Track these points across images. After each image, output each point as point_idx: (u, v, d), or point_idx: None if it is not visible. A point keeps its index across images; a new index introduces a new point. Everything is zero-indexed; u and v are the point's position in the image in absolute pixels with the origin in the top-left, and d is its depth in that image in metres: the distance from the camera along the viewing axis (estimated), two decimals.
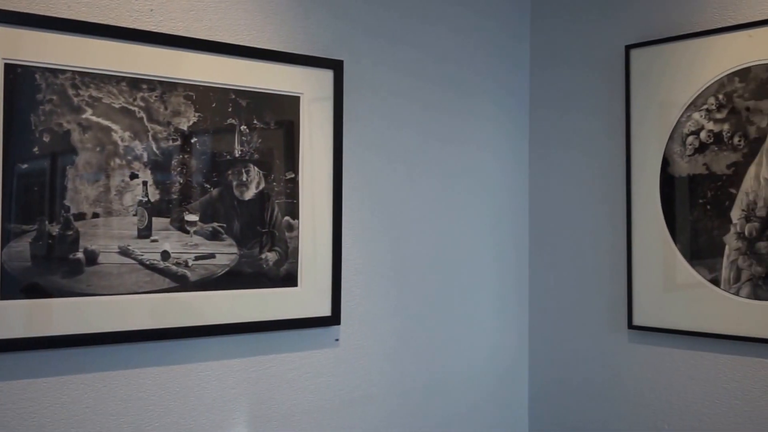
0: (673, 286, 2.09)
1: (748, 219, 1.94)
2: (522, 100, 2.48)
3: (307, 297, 2.00)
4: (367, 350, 2.12)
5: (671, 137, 2.09)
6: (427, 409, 2.23)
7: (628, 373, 2.20)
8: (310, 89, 2.01)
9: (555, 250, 2.39)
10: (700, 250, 2.03)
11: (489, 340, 2.39)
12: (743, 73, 1.95)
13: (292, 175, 1.98)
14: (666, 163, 2.10)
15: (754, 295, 1.93)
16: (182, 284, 1.81)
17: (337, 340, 2.06)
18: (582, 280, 2.31)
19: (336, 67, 2.05)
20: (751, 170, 1.94)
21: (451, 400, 2.28)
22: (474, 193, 2.36)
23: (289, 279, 1.97)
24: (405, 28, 2.21)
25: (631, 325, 2.17)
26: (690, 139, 2.05)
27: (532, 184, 2.46)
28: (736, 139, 1.97)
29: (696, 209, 2.04)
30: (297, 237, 1.98)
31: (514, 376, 2.44)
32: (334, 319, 2.04)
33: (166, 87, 1.80)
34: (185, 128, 1.82)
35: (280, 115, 1.97)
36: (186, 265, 1.82)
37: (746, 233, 1.94)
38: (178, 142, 1.81)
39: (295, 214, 1.98)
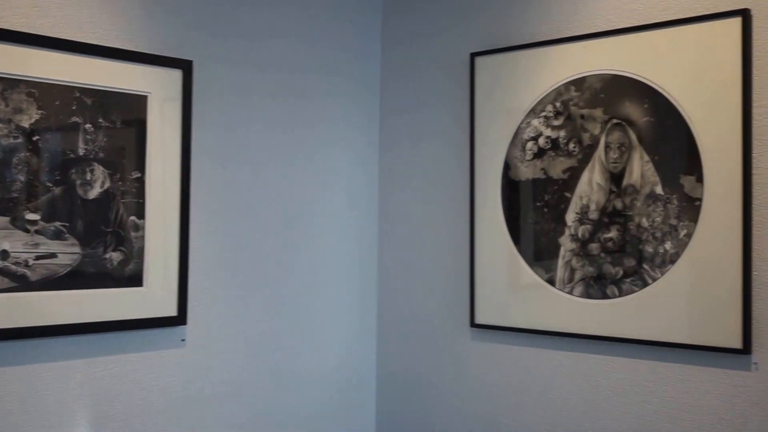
0: (514, 286, 2.26)
1: (581, 222, 2.12)
2: (372, 104, 2.60)
3: (153, 297, 2.07)
4: (214, 351, 2.20)
5: (512, 142, 2.26)
6: (273, 409, 2.32)
7: (470, 370, 2.36)
8: (159, 89, 2.08)
9: (403, 250, 2.54)
10: (539, 252, 2.21)
11: (337, 339, 2.50)
12: (579, 83, 2.13)
13: (139, 175, 2.05)
14: (507, 167, 2.27)
15: (587, 294, 2.11)
16: (22, 284, 1.86)
17: (183, 340, 2.14)
18: (428, 280, 2.46)
19: (185, 66, 2.13)
20: (585, 175, 2.12)
21: (297, 399, 2.39)
22: (323, 194, 2.47)
23: (135, 279, 2.04)
24: (255, 27, 2.30)
25: (473, 324, 2.34)
26: (529, 144, 2.22)
27: (382, 185, 2.59)
28: (571, 145, 2.15)
29: (535, 212, 2.22)
30: (143, 237, 2.05)
31: (362, 374, 2.57)
32: (180, 319, 2.12)
33: (8, 84, 1.84)
34: (27, 126, 1.87)
35: (127, 114, 2.04)
36: (26, 265, 1.86)
37: (579, 235, 2.13)
38: (20, 140, 1.86)
39: (141, 214, 2.05)
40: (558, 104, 2.16)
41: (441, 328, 2.43)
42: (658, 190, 1.98)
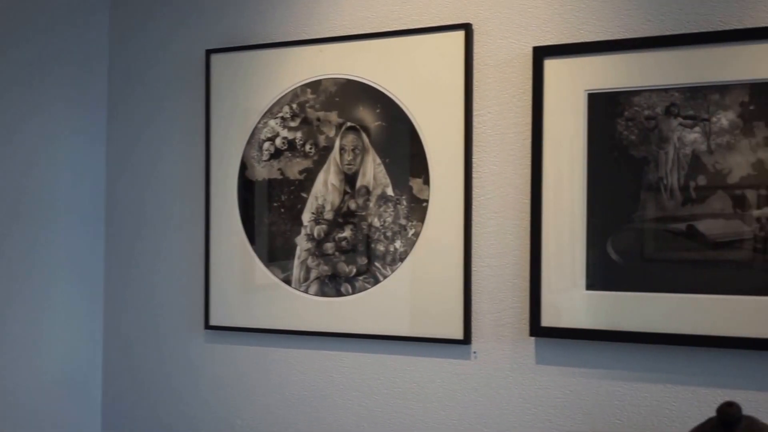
0: (250, 286, 2.32)
1: (317, 222, 2.23)
2: (100, 103, 2.53)
3: None
4: None
5: (249, 142, 2.32)
6: None
7: (205, 373, 2.39)
8: None
9: (134, 252, 2.50)
10: (275, 252, 2.29)
11: (58, 347, 2.40)
12: (314, 85, 2.25)
13: None
14: (244, 167, 2.33)
15: (322, 293, 2.22)
16: None
17: None
18: (161, 282, 2.45)
19: None
20: (321, 176, 2.24)
21: (15, 412, 2.27)
22: (44, 191, 2.38)
23: None
24: None
25: (208, 326, 2.37)
26: (266, 145, 2.30)
27: (110, 186, 2.53)
28: (307, 147, 2.25)
29: (271, 212, 2.29)
30: None
31: (86, 384, 2.49)
32: None
33: None
34: None
35: None
36: None
37: (315, 235, 2.24)
38: None
39: None
40: (294, 106, 2.26)
41: (174, 331, 2.43)
42: (389, 191, 2.14)
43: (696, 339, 1.83)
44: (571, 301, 1.95)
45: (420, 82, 2.11)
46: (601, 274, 1.93)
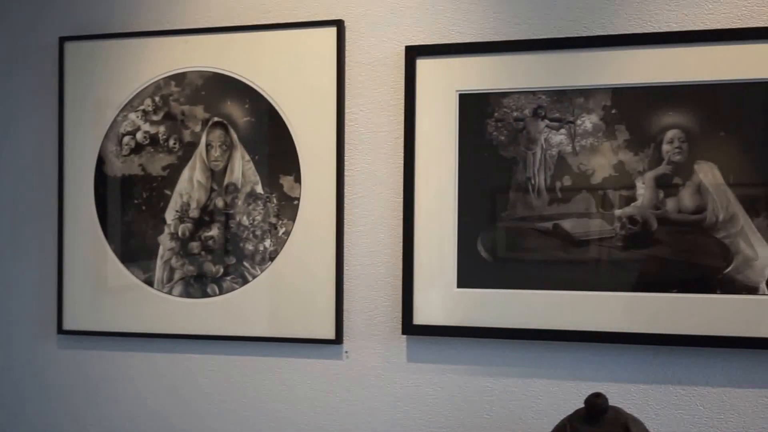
0: (108, 288, 2.22)
1: (181, 220, 2.18)
2: None
3: None
4: None
5: (107, 136, 2.22)
6: None
7: (58, 380, 2.26)
8: None
9: None
10: (135, 251, 2.20)
11: None
12: (179, 78, 2.18)
13: None
14: (102, 162, 2.23)
15: (186, 294, 2.17)
16: None
17: None
18: (8, 285, 2.32)
19: None
20: (185, 173, 2.18)
21: None
22: None
23: None
24: None
25: (61, 330, 2.25)
26: (126, 139, 2.22)
27: None
28: (171, 142, 2.19)
29: (131, 210, 2.21)
30: None
31: None
32: None
33: None
34: None
35: None
36: None
37: (179, 234, 2.18)
38: None
39: None
40: (157, 99, 2.19)
41: (24, 337, 2.29)
42: (259, 189, 2.12)
43: (562, 334, 1.92)
44: (442, 298, 1.99)
45: (291, 78, 2.10)
46: (472, 272, 1.98)
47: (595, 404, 1.61)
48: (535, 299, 1.93)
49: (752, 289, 1.82)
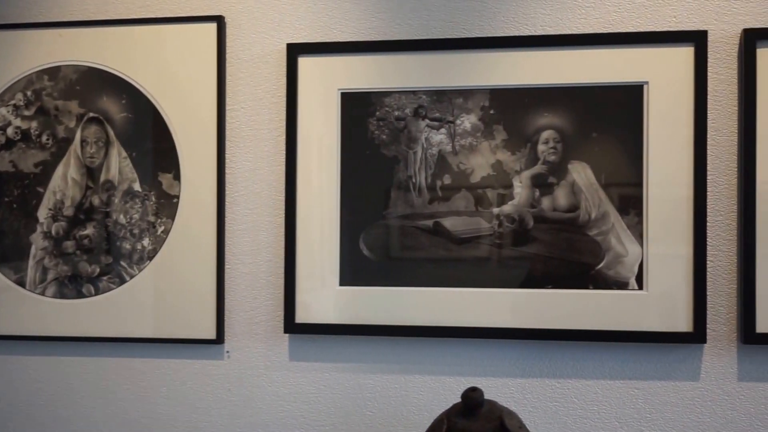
0: None
1: (55, 218, 2.10)
2: None
3: None
4: None
5: None
6: None
7: None
8: None
9: None
10: (5, 251, 2.12)
11: None
12: (53, 72, 2.11)
13: None
14: None
15: (61, 295, 2.10)
16: None
17: None
18: None
19: None
20: (60, 170, 2.11)
21: None
22: None
23: None
24: None
25: None
26: None
27: None
28: (44, 138, 2.11)
29: (1, 208, 2.13)
30: None
31: None
32: None
33: None
34: None
35: None
36: None
37: (53, 233, 2.11)
38: None
39: None
40: (29, 93, 2.11)
41: None
42: (137, 186, 2.07)
43: (443, 330, 1.95)
44: (324, 297, 2.00)
45: (170, 73, 2.06)
46: (354, 270, 1.99)
47: (472, 398, 1.64)
48: (416, 296, 1.95)
49: (622, 285, 1.90)
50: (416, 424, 1.98)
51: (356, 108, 1.99)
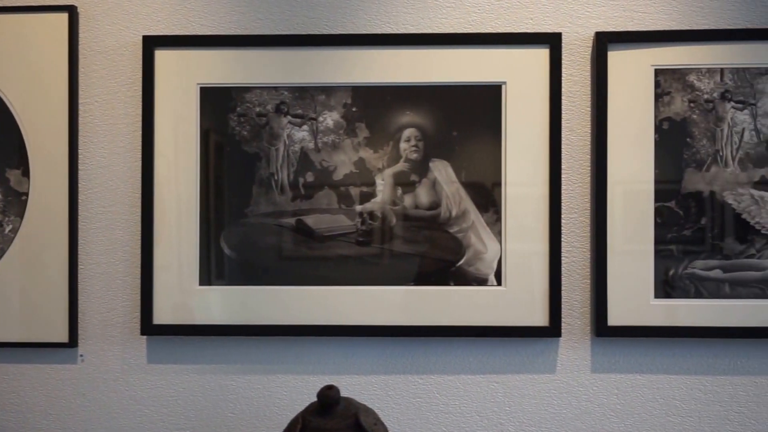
0: None
1: None
2: None
3: None
4: None
5: None
6: None
7: None
8: None
9: None
10: None
11: None
12: None
13: None
14: None
15: None
16: None
17: None
18: None
19: None
20: None
21: None
22: None
23: None
24: None
25: None
26: None
27: None
28: None
29: None
30: None
31: None
32: None
33: None
34: None
35: None
36: None
37: None
38: None
39: None
40: None
41: None
42: None
43: (305, 329, 1.93)
44: (183, 297, 1.95)
45: (18, 65, 1.96)
46: (214, 270, 1.95)
47: (327, 396, 1.63)
48: (278, 295, 1.93)
49: (482, 281, 1.93)
50: (279, 424, 1.96)
51: (216, 103, 1.95)
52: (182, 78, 1.94)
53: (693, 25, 1.93)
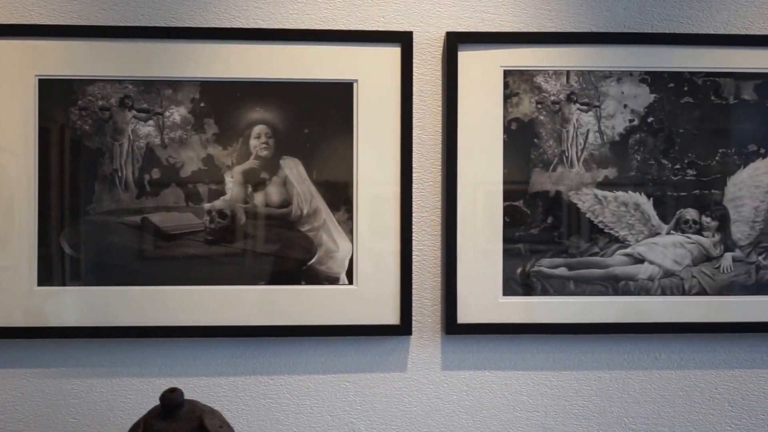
0: None
1: None
2: None
3: None
4: None
5: None
6: None
7: None
8: None
9: None
10: None
11: None
12: None
13: None
14: None
15: None
16: None
17: None
18: None
19: None
20: None
21: None
22: None
23: None
24: None
25: None
26: None
27: None
28: None
29: None
30: None
31: None
32: None
33: None
34: None
35: None
36: None
37: None
38: None
39: None
40: None
41: None
42: None
43: (149, 330, 1.87)
44: (19, 298, 1.86)
45: None
46: (54, 269, 1.87)
47: (170, 399, 1.59)
48: (122, 296, 1.87)
49: (334, 280, 1.91)
50: (123, 428, 1.90)
51: (56, 96, 1.86)
52: (19, 69, 1.86)
53: (541, 27, 1.96)
